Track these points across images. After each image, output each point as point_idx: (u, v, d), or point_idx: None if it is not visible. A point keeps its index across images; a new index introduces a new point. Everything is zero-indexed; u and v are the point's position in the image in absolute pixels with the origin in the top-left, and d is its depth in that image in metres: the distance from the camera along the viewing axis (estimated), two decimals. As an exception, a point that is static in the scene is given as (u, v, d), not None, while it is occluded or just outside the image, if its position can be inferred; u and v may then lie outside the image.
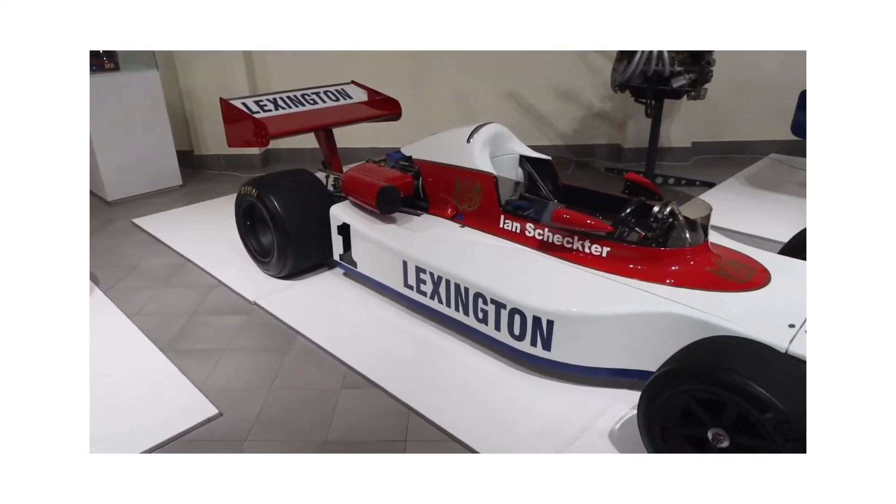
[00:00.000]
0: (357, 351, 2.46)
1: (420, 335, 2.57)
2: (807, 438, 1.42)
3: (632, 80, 4.08)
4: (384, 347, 2.50)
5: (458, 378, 2.28)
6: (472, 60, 5.07)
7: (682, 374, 1.63)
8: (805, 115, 3.69)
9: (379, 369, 2.33)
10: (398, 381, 2.26)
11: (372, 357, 2.42)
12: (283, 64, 5.12)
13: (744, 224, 3.61)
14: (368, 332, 2.61)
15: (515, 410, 2.10)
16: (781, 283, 2.07)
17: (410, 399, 2.16)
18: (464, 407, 2.12)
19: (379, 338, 2.57)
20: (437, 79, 5.20)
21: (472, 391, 2.21)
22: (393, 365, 2.37)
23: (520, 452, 1.90)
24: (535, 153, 2.89)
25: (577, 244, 2.31)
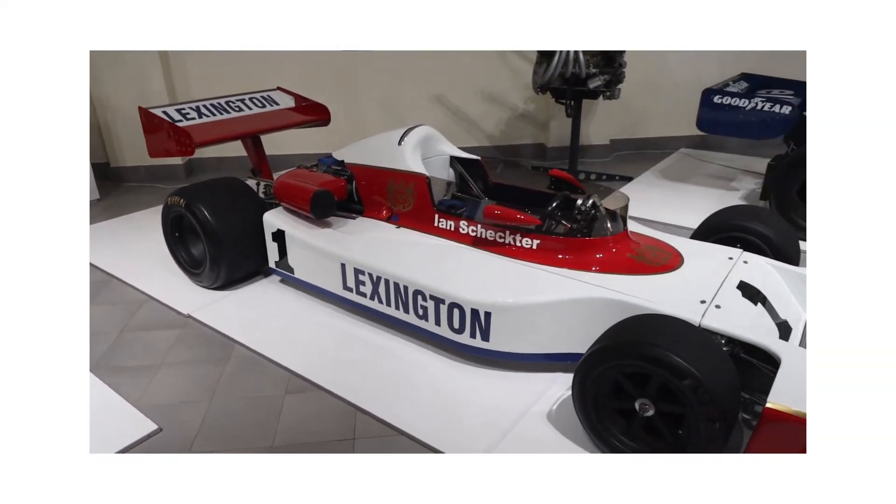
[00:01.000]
0: (299, 355, 2.46)
1: (361, 335, 2.60)
2: (720, 401, 1.60)
3: (552, 82, 4.28)
4: (326, 350, 2.51)
5: (402, 374, 2.34)
6: (398, 65, 5.14)
7: (611, 352, 1.77)
8: (707, 112, 4.01)
9: (322, 372, 2.35)
10: (343, 382, 2.29)
11: (315, 360, 2.43)
12: (203, 70, 4.98)
13: (658, 213, 3.89)
14: (309, 337, 2.61)
15: (459, 401, 2.18)
16: (693, 264, 2.27)
17: (356, 398, 2.19)
18: (409, 401, 2.18)
19: (320, 341, 2.58)
20: (364, 84, 5.22)
21: (417, 386, 2.27)
22: (336, 366, 2.39)
23: (466, 440, 1.98)
24: (465, 154, 3.00)
25: (508, 238, 2.42)
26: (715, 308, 1.96)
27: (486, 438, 1.98)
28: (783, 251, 2.44)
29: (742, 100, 3.85)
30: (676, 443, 1.73)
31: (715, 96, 3.96)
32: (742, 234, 2.51)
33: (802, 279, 2.19)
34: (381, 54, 5.07)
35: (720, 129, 4.09)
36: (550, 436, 1.99)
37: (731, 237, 2.53)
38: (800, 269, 2.26)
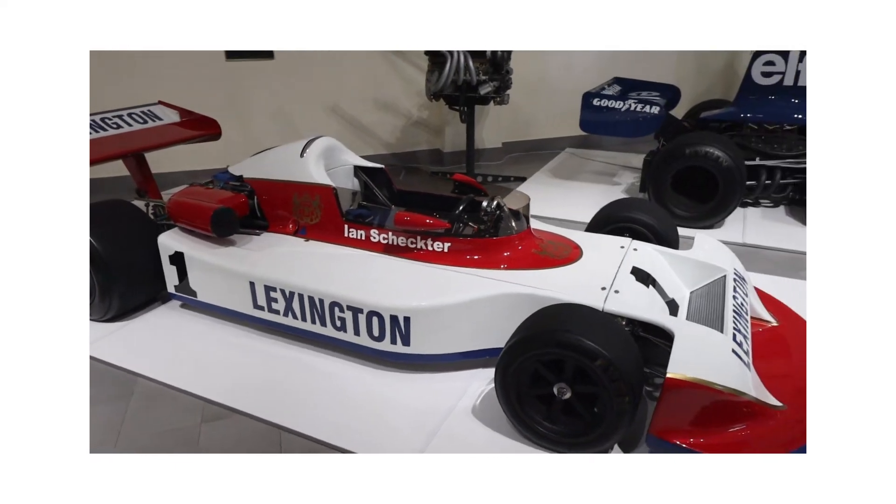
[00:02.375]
0: (211, 381, 2.35)
1: (276, 353, 2.53)
2: (628, 377, 1.75)
3: (444, 89, 4.41)
4: (241, 372, 2.42)
5: (324, 388, 2.31)
6: (290, 76, 5.03)
7: (528, 343, 1.88)
8: (588, 113, 4.34)
9: (239, 395, 2.26)
10: (262, 403, 2.22)
11: (229, 384, 2.33)
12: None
13: (555, 210, 4.14)
14: (220, 360, 2.50)
15: (385, 407, 2.19)
16: (591, 255, 2.45)
17: (278, 417, 2.14)
18: (334, 414, 2.16)
19: (233, 364, 2.48)
20: (254, 96, 5.05)
21: (340, 398, 2.25)
22: (254, 388, 2.31)
23: (396, 444, 2.00)
24: (369, 162, 3.01)
25: (420, 243, 2.47)
26: (614, 293, 2.14)
27: (416, 440, 2.02)
28: (665, 237, 2.71)
29: (617, 102, 4.21)
30: (593, 420, 1.87)
31: (594, 99, 4.29)
32: (629, 224, 2.75)
33: (683, 261, 2.45)
34: (269, 64, 4.93)
35: (600, 129, 4.44)
36: (478, 430, 2.06)
37: (620, 227, 2.76)
38: (680, 252, 2.52)
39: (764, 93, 4.11)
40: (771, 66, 4.03)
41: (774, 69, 4.03)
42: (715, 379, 1.73)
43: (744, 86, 4.18)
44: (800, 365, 2.20)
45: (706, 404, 1.75)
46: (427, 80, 4.57)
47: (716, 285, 2.31)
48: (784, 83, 4.03)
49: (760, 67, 4.06)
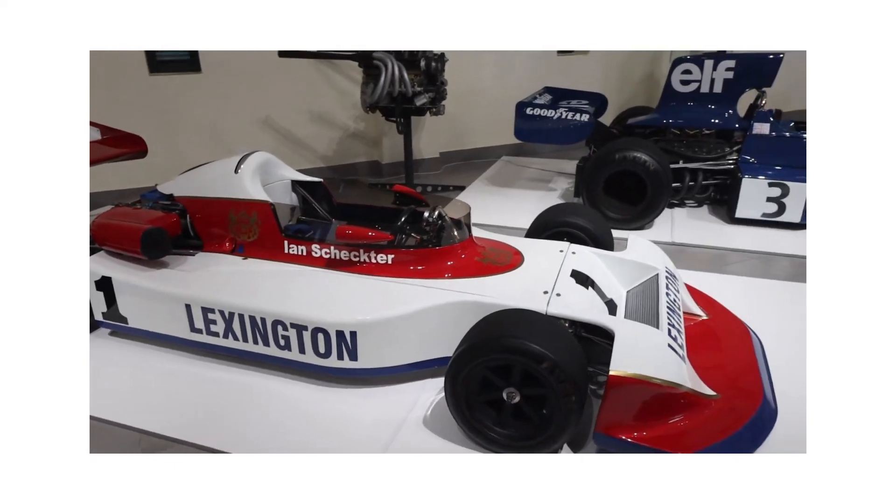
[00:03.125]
0: (149, 412, 2.23)
1: (218, 377, 2.44)
2: (573, 377, 1.81)
3: (380, 101, 4.41)
4: (180, 399, 2.31)
5: (272, 409, 2.24)
6: (218, 89, 4.88)
7: (476, 350, 1.90)
8: (521, 122, 4.45)
9: (180, 423, 2.16)
10: (206, 430, 2.13)
11: (168, 413, 2.22)
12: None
13: (495, 217, 4.21)
14: (157, 388, 2.38)
15: (336, 424, 2.16)
16: (532, 260, 2.51)
17: (224, 444, 2.06)
18: (284, 435, 2.10)
19: (171, 391, 2.36)
20: (182, 111, 4.87)
21: (288, 419, 2.19)
22: (195, 415, 2.21)
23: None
24: (307, 177, 2.97)
25: (363, 257, 2.46)
26: (556, 296, 2.20)
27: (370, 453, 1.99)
28: (600, 239, 2.82)
29: (549, 110, 4.35)
30: (542, 422, 1.91)
31: (526, 108, 4.41)
32: (567, 229, 2.84)
33: (619, 261, 2.56)
34: (196, 78, 4.77)
35: (534, 137, 4.57)
36: (430, 440, 2.06)
37: (558, 232, 2.85)
38: (615, 253, 2.63)
39: (683, 99, 4.36)
40: (688, 75, 4.28)
41: (692, 77, 4.28)
42: (654, 373, 1.81)
43: (665, 93, 4.41)
44: (729, 355, 2.34)
45: (647, 398, 1.83)
46: (362, 91, 4.55)
47: (650, 284, 2.42)
48: (701, 90, 4.29)
49: (679, 76, 4.30)
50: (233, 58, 4.81)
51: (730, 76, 4.17)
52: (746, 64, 4.15)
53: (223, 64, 4.81)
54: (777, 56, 4.07)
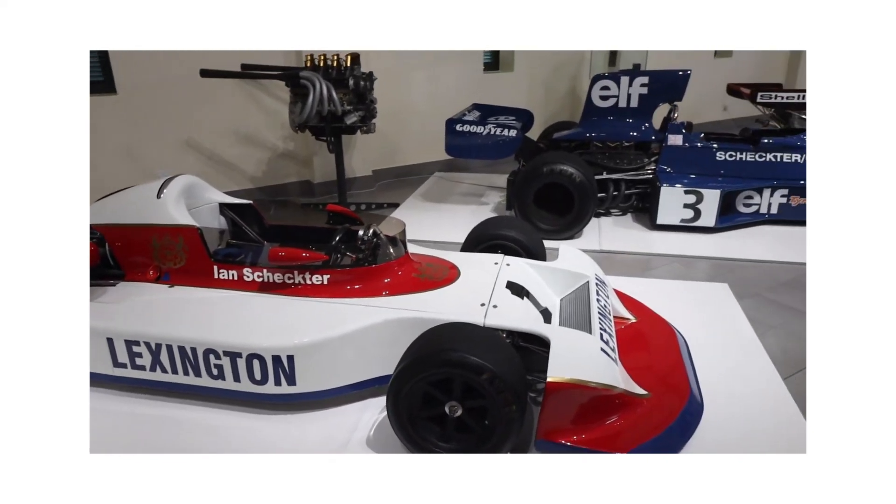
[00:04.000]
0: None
1: (146, 413, 2.30)
2: (513, 386, 1.84)
3: (309, 120, 4.37)
4: (105, 440, 2.16)
5: (206, 443, 2.14)
6: (135, 111, 4.67)
7: (417, 366, 1.90)
8: (452, 139, 4.53)
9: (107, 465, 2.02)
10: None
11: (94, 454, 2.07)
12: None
13: (429, 233, 4.25)
14: (78, 432, 2.22)
15: (277, 452, 2.09)
16: (468, 274, 2.55)
17: (154, 484, 1.94)
18: (222, 469, 2.00)
19: (96, 432, 2.20)
20: (96, 134, 4.61)
21: (226, 450, 2.10)
22: (123, 454, 2.07)
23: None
24: (235, 199, 2.89)
25: (297, 278, 2.41)
26: (493, 308, 2.24)
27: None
28: (533, 250, 2.90)
29: (478, 127, 4.45)
30: (485, 433, 1.93)
31: (456, 125, 4.50)
32: (501, 241, 2.91)
33: (551, 271, 2.64)
34: (111, 100, 4.55)
35: (464, 153, 4.66)
36: (374, 460, 2.03)
37: (492, 245, 2.91)
38: (548, 263, 2.71)
39: (604, 114, 4.58)
40: (607, 91, 4.51)
41: (610, 93, 4.51)
42: (589, 377, 1.88)
43: (586, 108, 4.63)
44: (657, 354, 2.46)
45: (584, 401, 1.90)
46: (290, 111, 4.49)
47: (581, 291, 2.51)
48: (619, 105, 4.53)
49: (599, 91, 4.53)
50: (150, 78, 4.63)
51: (644, 91, 4.43)
52: (658, 80, 4.42)
53: (140, 85, 4.61)
54: (685, 72, 4.37)
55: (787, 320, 3.03)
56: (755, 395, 2.37)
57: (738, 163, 4.37)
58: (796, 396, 2.34)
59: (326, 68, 4.45)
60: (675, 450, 2.03)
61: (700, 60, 7.67)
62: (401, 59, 5.72)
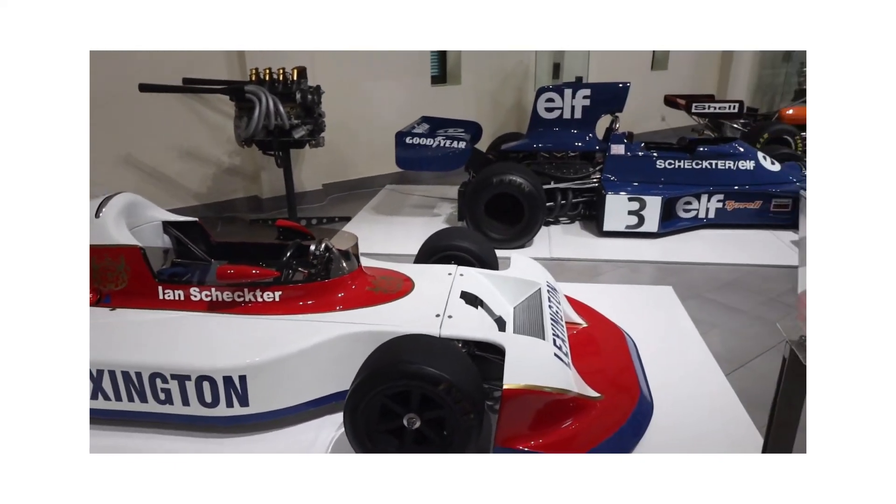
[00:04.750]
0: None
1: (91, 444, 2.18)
2: (470, 395, 1.86)
3: (256, 134, 4.29)
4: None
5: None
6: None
7: (373, 380, 1.89)
8: (402, 151, 4.55)
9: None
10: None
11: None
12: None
13: (383, 246, 4.24)
14: (12, 468, 2.08)
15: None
16: (423, 285, 2.56)
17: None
18: (175, 499, 1.93)
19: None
20: (23, 151, 4.38)
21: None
22: (61, 491, 1.96)
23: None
24: (179, 216, 2.80)
25: (248, 296, 2.36)
26: (448, 318, 2.26)
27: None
28: (485, 260, 2.94)
29: (428, 139, 4.49)
30: (443, 444, 1.94)
31: (406, 138, 4.52)
32: (454, 252, 2.94)
33: (504, 280, 2.68)
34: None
35: (415, 165, 4.68)
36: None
37: (446, 256, 2.94)
38: (500, 272, 2.75)
39: (549, 125, 4.71)
40: (552, 103, 4.64)
41: (555, 105, 4.64)
42: (544, 382, 1.92)
43: (532, 120, 4.74)
44: (608, 357, 2.53)
45: (540, 407, 1.93)
46: (236, 126, 4.41)
47: (534, 298, 2.56)
48: (563, 116, 4.66)
49: (544, 104, 4.65)
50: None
51: (587, 103, 4.58)
52: (600, 92, 4.58)
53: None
54: (625, 84, 4.55)
55: (727, 319, 3.18)
56: (700, 393, 2.47)
57: (676, 170, 4.57)
58: (739, 392, 2.46)
59: (272, 82, 4.39)
60: (628, 449, 2.09)
61: (638, 73, 8.02)
62: (348, 73, 5.71)
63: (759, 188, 4.52)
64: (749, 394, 2.44)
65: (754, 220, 4.55)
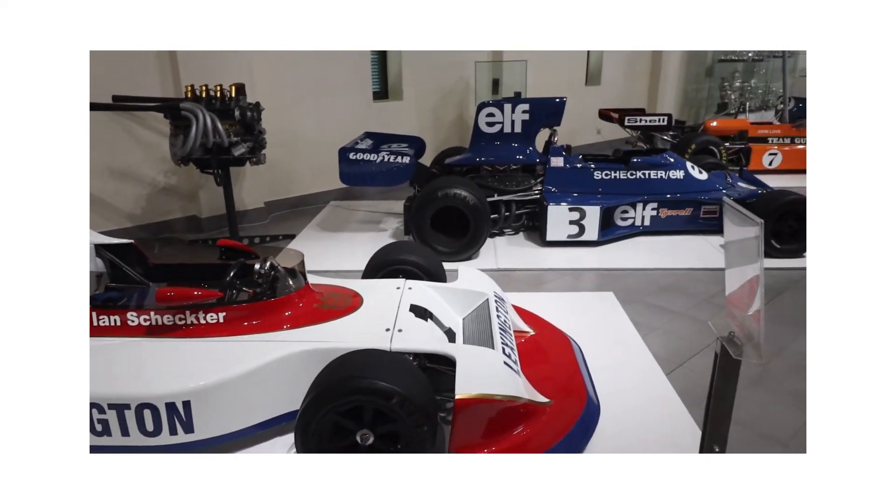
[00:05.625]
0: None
1: (17, 486, 2.05)
2: (423, 407, 1.86)
3: (193, 153, 4.17)
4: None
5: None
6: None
7: (325, 398, 1.87)
8: (346, 167, 4.53)
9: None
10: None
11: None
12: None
13: (330, 262, 4.20)
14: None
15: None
16: (371, 300, 2.56)
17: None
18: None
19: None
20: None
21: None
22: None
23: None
24: (112, 239, 2.68)
25: (190, 319, 2.28)
26: (398, 332, 2.26)
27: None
28: (433, 272, 2.97)
29: (371, 154, 4.50)
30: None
31: (349, 153, 4.51)
32: (401, 266, 2.95)
33: (452, 292, 2.71)
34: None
35: (360, 181, 4.68)
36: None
37: (393, 270, 2.94)
38: (448, 284, 2.79)
39: (491, 139, 4.82)
40: (492, 117, 4.75)
41: (495, 119, 4.76)
42: (494, 391, 1.95)
43: (474, 134, 4.84)
44: (556, 363, 2.60)
45: (492, 415, 1.96)
46: (171, 144, 4.27)
47: (482, 309, 2.61)
48: (504, 131, 4.78)
49: (485, 118, 4.76)
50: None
51: (526, 117, 4.72)
52: (538, 106, 4.74)
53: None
54: (562, 99, 4.72)
55: (666, 321, 3.33)
56: (644, 392, 2.57)
57: (613, 181, 4.77)
58: (679, 390, 2.58)
59: (209, 99, 4.30)
60: (579, 450, 2.15)
61: (574, 88, 8.33)
62: (289, 89, 5.66)
63: (688, 196, 4.77)
64: (688, 391, 2.56)
65: (686, 227, 4.79)
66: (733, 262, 1.45)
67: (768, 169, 7.03)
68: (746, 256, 1.32)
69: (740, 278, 1.38)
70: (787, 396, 2.56)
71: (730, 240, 1.47)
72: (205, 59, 4.81)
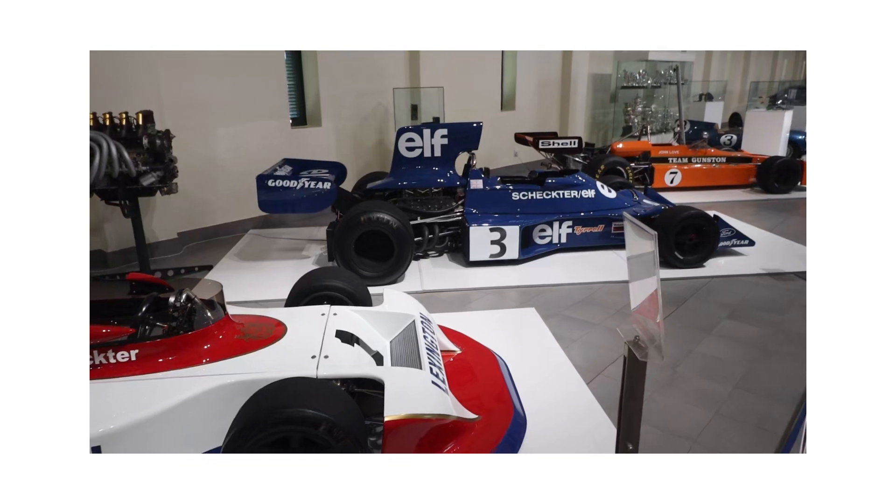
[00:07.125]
0: None
1: None
2: (352, 432, 1.85)
3: (96, 184, 3.94)
4: None
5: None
6: None
7: (247, 431, 1.82)
8: (264, 194, 4.43)
9: None
10: None
11: None
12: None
13: (251, 292, 4.07)
14: None
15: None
16: (295, 328, 2.51)
17: None
18: None
19: None
20: None
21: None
22: None
23: None
24: (7, 278, 2.48)
25: (98, 358, 2.15)
26: (325, 358, 2.24)
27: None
28: (359, 297, 2.96)
29: (291, 181, 4.44)
30: (328, 487, 1.90)
31: (268, 180, 4.43)
32: (326, 292, 2.92)
33: (378, 315, 2.72)
34: None
35: (279, 208, 4.59)
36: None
37: (318, 296, 2.91)
38: (374, 308, 2.79)
39: (411, 163, 4.90)
40: (412, 142, 4.84)
41: (415, 144, 4.85)
42: (423, 410, 1.98)
43: (395, 159, 4.90)
44: (483, 379, 2.67)
45: (422, 434, 1.98)
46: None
47: (409, 331, 2.63)
48: (424, 155, 4.88)
49: (405, 143, 4.84)
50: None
51: (445, 142, 4.85)
52: (455, 131, 4.88)
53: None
54: (478, 124, 4.89)
55: (584, 333, 3.49)
56: (566, 402, 2.68)
57: (530, 201, 4.97)
58: (598, 397, 2.71)
59: (114, 127, 4.09)
60: (508, 464, 2.20)
61: (490, 113, 8.64)
62: (202, 116, 5.49)
63: (600, 213, 5.06)
64: (607, 397, 2.70)
65: (599, 242, 5.07)
66: (635, 275, 1.58)
67: (670, 186, 7.59)
68: (646, 267, 1.44)
69: (642, 288, 1.50)
70: (695, 397, 2.76)
71: (631, 254, 1.59)
72: (109, 86, 4.59)
